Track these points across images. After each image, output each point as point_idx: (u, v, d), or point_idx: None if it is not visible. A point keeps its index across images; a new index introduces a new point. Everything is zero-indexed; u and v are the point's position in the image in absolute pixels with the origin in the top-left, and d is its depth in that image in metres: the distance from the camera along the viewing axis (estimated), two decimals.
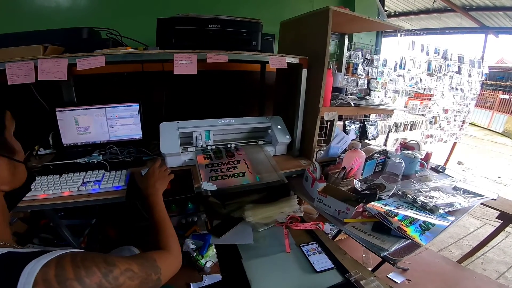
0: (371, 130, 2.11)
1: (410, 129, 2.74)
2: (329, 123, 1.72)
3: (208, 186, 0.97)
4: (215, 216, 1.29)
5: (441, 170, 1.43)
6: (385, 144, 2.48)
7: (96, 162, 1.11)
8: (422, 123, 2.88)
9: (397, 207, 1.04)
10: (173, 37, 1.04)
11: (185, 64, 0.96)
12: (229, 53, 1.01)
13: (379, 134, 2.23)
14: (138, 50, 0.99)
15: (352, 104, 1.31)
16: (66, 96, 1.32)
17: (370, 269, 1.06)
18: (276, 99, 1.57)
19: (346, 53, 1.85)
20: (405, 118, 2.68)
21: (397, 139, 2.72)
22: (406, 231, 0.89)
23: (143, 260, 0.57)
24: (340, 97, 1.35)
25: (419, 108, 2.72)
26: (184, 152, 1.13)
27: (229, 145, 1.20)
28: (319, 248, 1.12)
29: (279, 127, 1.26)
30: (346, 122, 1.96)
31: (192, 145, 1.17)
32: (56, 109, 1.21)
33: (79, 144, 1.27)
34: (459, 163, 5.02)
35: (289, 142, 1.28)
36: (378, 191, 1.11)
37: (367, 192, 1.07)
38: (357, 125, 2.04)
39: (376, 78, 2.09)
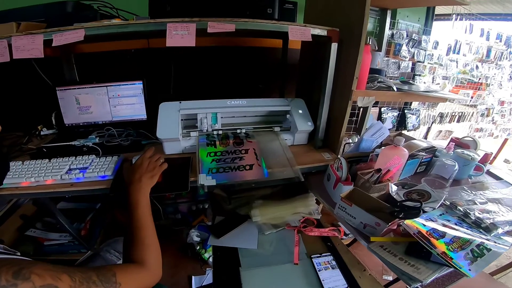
0: (411, 120, 1.74)
1: (458, 121, 2.29)
2: (361, 110, 1.42)
3: (205, 180, 0.77)
4: (219, 210, 1.11)
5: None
6: (426, 137, 2.09)
7: (90, 145, 0.97)
8: (472, 115, 2.40)
9: (444, 224, 0.77)
10: (168, 3, 0.83)
11: (180, 35, 0.75)
12: (236, 21, 0.77)
13: (420, 125, 1.86)
14: (122, 21, 0.80)
15: (395, 89, 1.01)
16: (67, 75, 1.22)
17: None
18: (299, 80, 1.30)
19: (387, 32, 1.50)
20: (453, 108, 2.24)
21: (440, 131, 2.30)
22: (452, 259, 0.64)
23: (96, 273, 0.47)
24: (379, 80, 1.05)
25: (471, 99, 2.26)
26: (186, 137, 0.94)
27: (238, 130, 0.99)
28: (334, 262, 0.90)
29: (300, 111, 1.01)
30: (382, 109, 1.63)
31: (197, 129, 0.98)
32: (57, 88, 1.10)
33: (81, 124, 1.16)
34: (506, 161, 4.32)
35: (311, 131, 1.02)
36: (421, 201, 0.83)
37: (408, 203, 0.80)
38: (395, 113, 1.69)
39: (423, 62, 1.70)
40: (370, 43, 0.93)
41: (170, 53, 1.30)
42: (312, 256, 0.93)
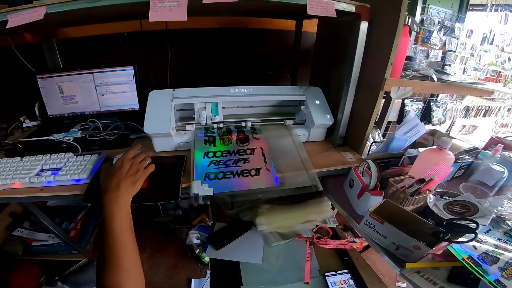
0: (437, 113, 1.53)
1: (484, 115, 2.06)
2: (382, 101, 1.22)
3: (201, 189, 0.60)
4: (219, 215, 0.96)
5: None
6: (449, 132, 1.88)
7: (71, 140, 0.82)
8: (499, 110, 2.16)
9: (496, 245, 0.59)
10: None
11: (167, 7, 0.56)
12: None
13: (446, 119, 1.64)
14: None
15: (435, 79, 0.81)
16: (50, 62, 1.06)
17: None
18: (314, 67, 1.10)
19: (418, 17, 1.28)
20: (479, 102, 2.00)
21: (464, 126, 2.08)
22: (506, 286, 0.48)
23: None
24: (414, 68, 0.85)
25: (500, 93, 2.01)
26: (180, 131, 0.77)
27: (243, 124, 0.81)
28: (351, 282, 0.76)
29: (317, 102, 0.82)
30: (406, 101, 1.42)
31: (194, 121, 0.81)
32: (37, 76, 0.95)
33: (65, 115, 1.00)
34: None
35: (330, 125, 0.84)
36: (476, 222, 0.64)
37: (458, 222, 0.61)
38: (420, 106, 1.48)
39: (454, 51, 1.47)
40: (410, 24, 0.73)
41: (166, 36, 1.12)
42: (326, 274, 0.78)
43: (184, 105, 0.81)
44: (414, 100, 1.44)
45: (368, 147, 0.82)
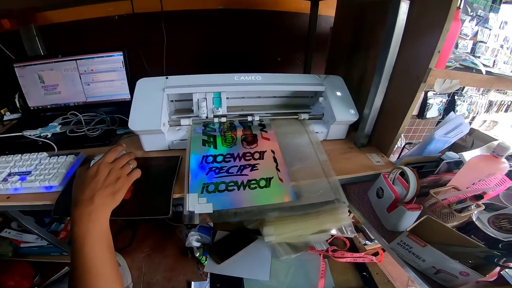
0: (461, 108, 1.36)
1: (506, 111, 1.88)
2: (422, 95, 1.06)
3: (197, 205, 0.47)
4: (221, 223, 0.83)
5: None
6: None
7: (48, 136, 0.69)
8: None
9: None
10: None
11: None
12: None
13: (470, 114, 1.47)
14: None
15: (483, 71, 0.66)
16: (29, 50, 0.92)
17: None
18: (331, 54, 0.94)
19: None
20: (503, 97, 1.83)
21: (484, 121, 1.91)
22: None
23: None
24: (460, 58, 0.70)
25: None
26: (174, 126, 0.64)
27: (250, 118, 0.67)
28: None
29: (338, 93, 0.67)
30: (429, 94, 1.25)
31: (192, 114, 0.67)
32: (14, 65, 0.82)
33: (48, 107, 0.87)
34: None
35: (353, 122, 0.69)
36: None
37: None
38: (444, 99, 1.31)
39: (486, 42, 1.29)
40: (461, 7, 0.58)
41: (161, 19, 0.96)
42: None
43: (180, 95, 0.67)
44: (438, 92, 1.27)
45: (400, 148, 0.68)
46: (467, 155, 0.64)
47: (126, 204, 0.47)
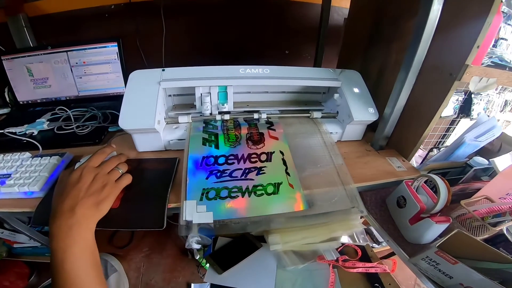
0: (478, 107, 1.27)
1: None
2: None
3: (195, 214, 0.40)
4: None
5: None
6: None
7: (34, 133, 0.62)
8: None
9: None
10: None
11: None
12: None
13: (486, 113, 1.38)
14: None
15: None
16: (18, 42, 0.85)
17: None
18: (346, 47, 0.85)
19: None
20: None
21: (497, 120, 1.81)
22: None
23: None
24: (496, 55, 0.63)
25: None
26: (171, 124, 0.57)
27: (256, 115, 0.60)
28: None
29: (356, 90, 0.59)
30: None
31: (193, 110, 0.59)
32: (2, 57, 0.76)
33: (38, 101, 0.80)
34: None
35: (372, 122, 0.61)
36: None
37: None
38: (460, 97, 1.23)
39: (507, 40, 1.19)
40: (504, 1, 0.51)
41: (161, 7, 0.89)
42: None
43: (180, 89, 0.59)
44: (455, 90, 1.18)
45: (426, 154, 0.60)
46: (499, 162, 0.56)
47: (114, 214, 0.40)
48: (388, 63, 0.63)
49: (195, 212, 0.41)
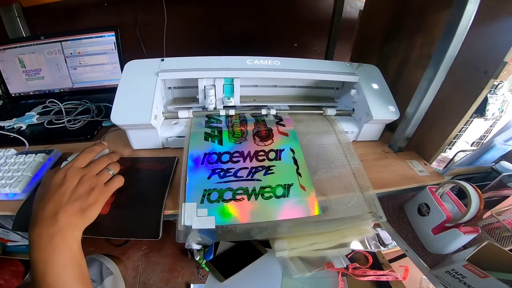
0: (493, 107, 1.21)
1: None
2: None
3: (195, 218, 0.35)
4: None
5: None
6: (491, 128, 1.55)
7: (22, 127, 0.57)
8: None
9: None
10: None
11: None
12: None
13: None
14: None
15: None
16: (10, 32, 0.81)
17: None
18: (361, 40, 0.78)
19: None
20: None
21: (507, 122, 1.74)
22: None
23: None
24: None
25: None
26: (170, 119, 0.52)
27: (264, 111, 0.54)
28: None
29: (375, 86, 0.54)
30: None
31: (195, 104, 0.54)
32: None
33: (31, 93, 0.76)
34: None
35: (392, 121, 0.55)
36: None
37: None
38: None
39: None
40: None
41: None
42: None
43: (181, 81, 0.54)
44: (510, 91, 1.12)
45: (450, 158, 0.55)
46: None
47: (103, 221, 0.35)
48: (410, 58, 0.57)
49: (195, 216, 0.36)
